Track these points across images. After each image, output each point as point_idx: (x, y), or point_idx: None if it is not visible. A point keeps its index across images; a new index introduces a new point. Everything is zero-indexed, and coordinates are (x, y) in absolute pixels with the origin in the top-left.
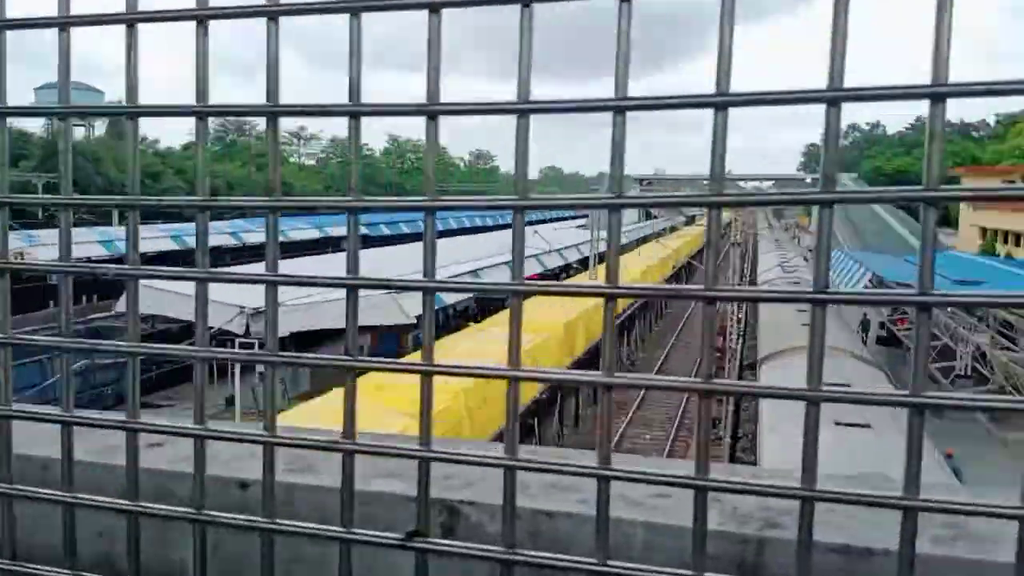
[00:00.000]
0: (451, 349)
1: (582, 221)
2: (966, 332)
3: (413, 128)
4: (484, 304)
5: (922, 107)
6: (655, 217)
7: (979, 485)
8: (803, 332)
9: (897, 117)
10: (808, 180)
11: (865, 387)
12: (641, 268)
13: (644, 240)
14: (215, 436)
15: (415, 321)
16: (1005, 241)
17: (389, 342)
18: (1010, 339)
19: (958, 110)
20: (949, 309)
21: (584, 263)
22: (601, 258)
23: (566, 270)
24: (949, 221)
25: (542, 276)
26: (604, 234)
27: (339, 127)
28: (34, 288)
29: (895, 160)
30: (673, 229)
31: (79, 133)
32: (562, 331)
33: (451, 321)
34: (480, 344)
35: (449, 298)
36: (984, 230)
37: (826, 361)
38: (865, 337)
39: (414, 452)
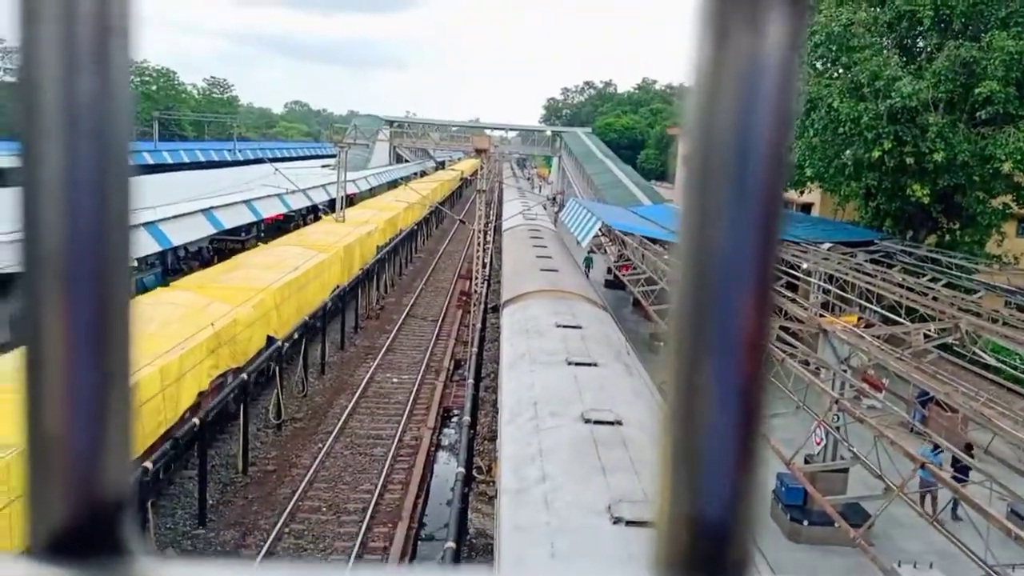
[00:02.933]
0: (248, 260)
1: (329, 161)
2: None
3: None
4: (220, 246)
5: (647, 70)
6: (406, 161)
7: None
8: (541, 277)
9: (627, 77)
10: (548, 133)
11: (594, 327)
12: (400, 210)
13: (395, 184)
14: None
15: (136, 264)
16: None
17: None
18: None
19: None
20: (666, 256)
21: (332, 205)
22: (350, 200)
23: (313, 211)
24: (667, 176)
25: (287, 217)
26: (352, 175)
27: None
28: None
29: (624, 118)
30: (424, 174)
31: None
32: (343, 252)
33: (181, 264)
34: (278, 257)
35: (179, 240)
36: None
37: (563, 303)
38: (588, 272)
39: None
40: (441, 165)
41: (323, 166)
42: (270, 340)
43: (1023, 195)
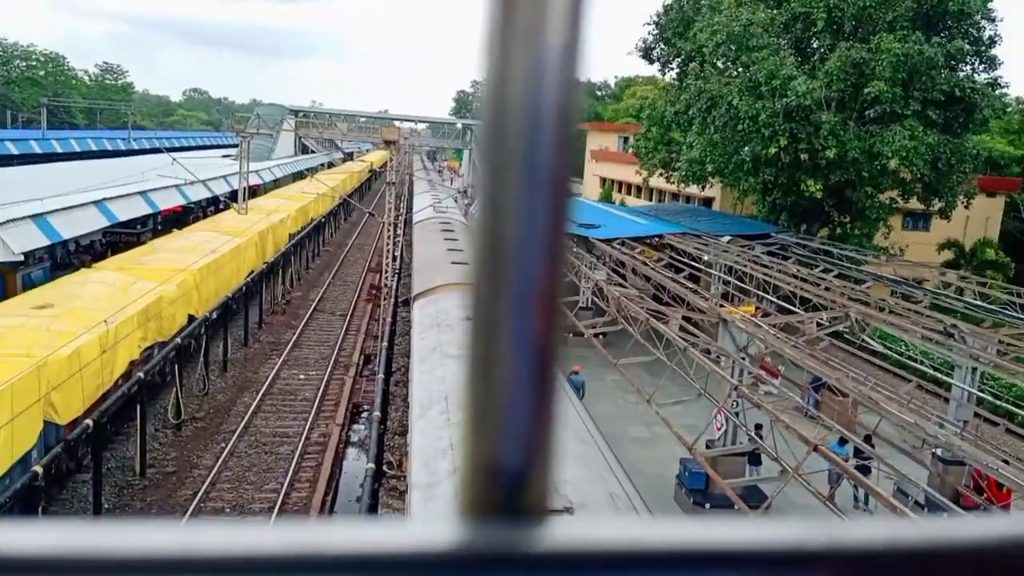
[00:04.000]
0: (165, 244)
1: (230, 151)
2: (587, 270)
3: (23, 31)
4: (114, 239)
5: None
6: (312, 152)
7: (597, 396)
8: (452, 270)
9: None
10: (459, 125)
11: None
12: (301, 204)
13: (300, 175)
14: None
15: (23, 259)
16: (619, 190)
17: None
18: (621, 276)
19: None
20: (574, 248)
21: (234, 196)
22: (253, 192)
23: (214, 203)
24: (577, 171)
25: (185, 208)
26: (255, 166)
27: None
28: None
29: None
30: (331, 165)
31: None
32: (257, 238)
33: (72, 258)
34: (194, 242)
35: (69, 233)
36: (603, 180)
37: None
38: None
39: None
40: (349, 156)
41: (224, 156)
42: (191, 319)
43: (908, 190)
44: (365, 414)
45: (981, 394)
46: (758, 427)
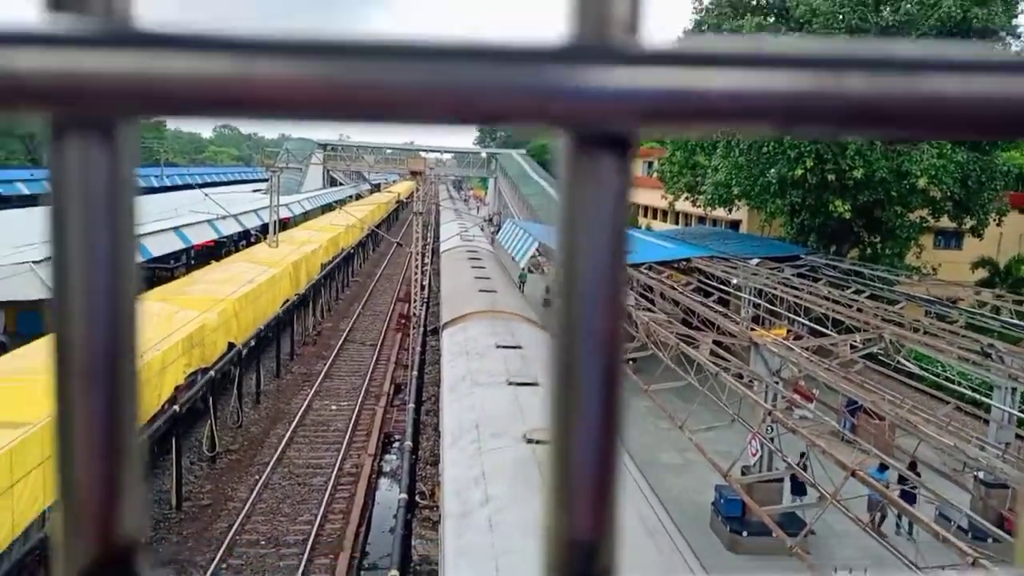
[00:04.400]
0: (203, 276)
1: (261, 186)
2: None
3: None
4: (148, 275)
5: None
6: (340, 184)
7: (628, 423)
8: (480, 299)
9: None
10: (483, 155)
11: (534, 347)
12: (331, 235)
13: (329, 208)
14: None
15: None
16: (645, 215)
17: (31, 322)
18: (649, 300)
19: None
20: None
21: (265, 229)
22: (283, 225)
23: (245, 236)
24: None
25: (217, 243)
26: (285, 199)
27: None
28: None
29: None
30: (359, 197)
31: None
32: (291, 268)
33: None
34: (231, 273)
35: None
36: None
37: (502, 323)
38: (522, 288)
39: None
40: (376, 188)
41: (254, 191)
42: (230, 346)
43: (938, 209)
44: (396, 444)
45: (1022, 415)
46: (803, 455)
